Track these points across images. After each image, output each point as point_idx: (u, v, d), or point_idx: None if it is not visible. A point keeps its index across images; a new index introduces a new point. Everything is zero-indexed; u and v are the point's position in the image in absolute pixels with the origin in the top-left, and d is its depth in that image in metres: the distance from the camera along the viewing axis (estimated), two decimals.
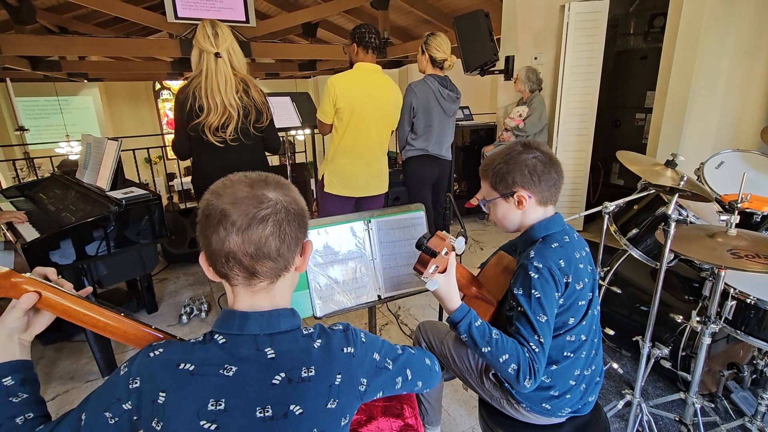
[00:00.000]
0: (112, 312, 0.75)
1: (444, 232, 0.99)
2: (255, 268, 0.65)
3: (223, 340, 0.65)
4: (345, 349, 0.72)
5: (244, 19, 4.49)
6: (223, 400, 0.61)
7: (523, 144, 1.08)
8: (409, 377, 0.82)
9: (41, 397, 0.70)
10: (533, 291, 0.98)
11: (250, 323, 0.66)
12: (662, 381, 1.95)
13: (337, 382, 0.68)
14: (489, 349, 0.97)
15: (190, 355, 0.63)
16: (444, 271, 1.01)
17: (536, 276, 0.99)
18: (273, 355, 0.65)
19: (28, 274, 0.72)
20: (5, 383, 0.66)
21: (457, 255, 1.05)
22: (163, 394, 0.60)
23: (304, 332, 0.70)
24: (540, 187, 1.05)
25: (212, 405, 0.61)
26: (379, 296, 1.41)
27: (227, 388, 0.62)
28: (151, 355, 0.63)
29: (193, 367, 0.62)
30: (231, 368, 0.63)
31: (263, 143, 2.11)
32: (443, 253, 0.97)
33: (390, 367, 0.78)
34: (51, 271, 0.75)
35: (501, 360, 0.97)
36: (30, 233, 1.89)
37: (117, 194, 2.05)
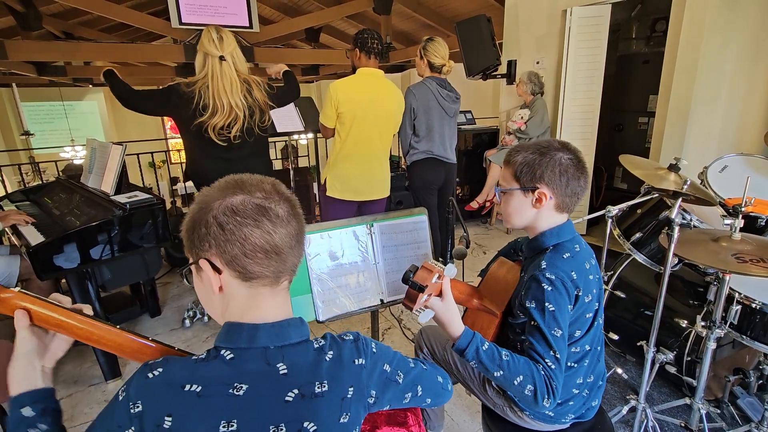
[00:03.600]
0: (107, 324, 0.73)
1: (431, 262, 0.95)
2: (286, 263, 0.65)
3: (231, 356, 0.62)
4: (356, 361, 0.70)
5: (247, 24, 4.53)
6: (235, 421, 0.58)
7: (561, 143, 1.02)
8: (419, 393, 0.79)
9: (63, 426, 0.66)
10: (547, 304, 0.94)
11: (260, 335, 0.63)
12: (667, 386, 1.94)
13: (349, 395, 0.66)
14: (501, 372, 0.91)
15: (195, 374, 0.60)
16: (439, 295, 0.96)
17: (549, 288, 0.94)
18: (285, 371, 0.62)
19: (17, 289, 0.70)
20: (24, 414, 0.62)
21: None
22: (169, 419, 0.57)
23: (315, 345, 0.68)
24: (565, 190, 1.00)
25: (224, 427, 0.58)
26: (381, 300, 1.41)
27: (238, 407, 0.59)
28: (150, 375, 0.59)
29: (200, 388, 0.58)
30: (241, 387, 0.60)
31: (282, 98, 2.18)
32: (434, 280, 0.92)
33: (400, 381, 0.75)
34: (87, 308, 0.73)
35: (516, 383, 0.91)
36: (35, 237, 1.90)
37: (121, 198, 2.06)
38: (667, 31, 3.01)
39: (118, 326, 0.74)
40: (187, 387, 0.58)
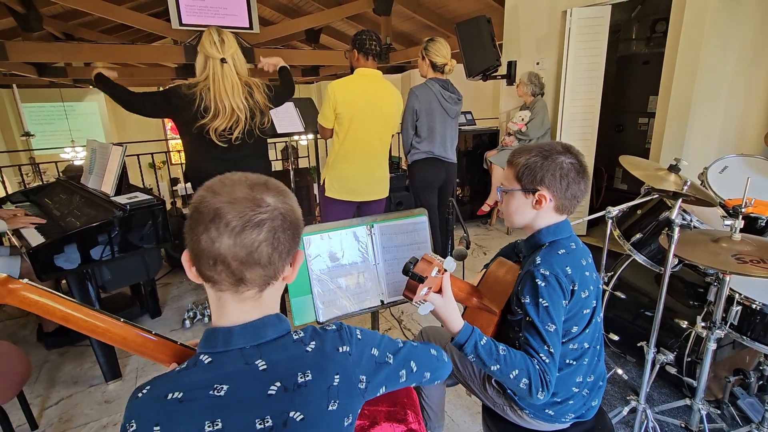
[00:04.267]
0: (111, 318, 0.74)
1: (430, 254, 0.96)
2: (243, 275, 0.62)
3: (209, 360, 0.63)
4: (340, 349, 0.70)
5: (248, 25, 4.53)
6: (219, 420, 0.60)
7: (564, 146, 1.04)
8: (414, 369, 0.79)
9: None
10: (541, 300, 0.96)
11: (235, 338, 0.65)
12: (667, 387, 1.94)
13: (335, 383, 0.67)
14: (498, 366, 0.95)
15: (177, 383, 0.62)
16: (438, 291, 0.98)
17: (543, 284, 0.97)
18: (265, 366, 0.64)
19: (25, 280, 0.71)
20: None
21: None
22: (157, 428, 0.59)
23: (294, 338, 0.69)
24: (565, 194, 1.02)
25: (209, 427, 0.59)
26: (381, 301, 1.41)
27: (221, 407, 0.61)
28: (140, 395, 0.62)
29: (181, 394, 0.60)
30: (222, 387, 0.61)
31: (279, 99, 2.19)
32: (434, 274, 0.94)
33: (391, 361, 0.76)
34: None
35: (511, 376, 0.95)
36: (35, 238, 1.90)
37: (121, 199, 2.06)
38: (667, 32, 3.01)
39: (122, 319, 0.75)
40: (169, 396, 0.60)
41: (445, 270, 0.98)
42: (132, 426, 0.60)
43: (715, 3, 2.65)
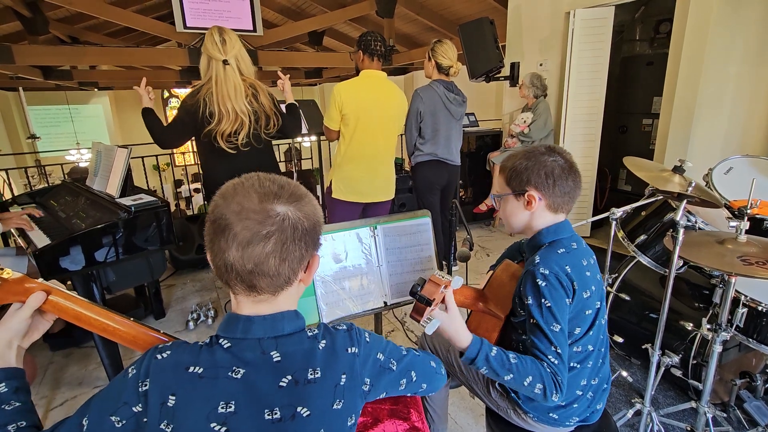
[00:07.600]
0: (121, 317, 0.76)
1: (437, 275, 0.95)
2: (253, 283, 0.65)
3: (228, 344, 0.65)
4: (349, 349, 0.72)
5: (251, 28, 4.56)
6: (233, 403, 0.62)
7: (547, 147, 1.07)
8: (414, 379, 0.81)
9: (33, 406, 0.69)
10: (543, 300, 0.96)
11: (254, 327, 0.66)
12: (673, 390, 1.92)
13: (342, 383, 0.69)
14: (511, 376, 0.94)
15: (198, 358, 0.64)
16: (443, 303, 0.97)
17: (544, 284, 0.97)
18: (279, 358, 0.65)
19: (40, 280, 0.73)
20: None
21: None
22: (173, 397, 0.61)
23: (309, 333, 0.70)
24: (553, 191, 1.03)
25: (222, 407, 0.61)
26: (385, 303, 1.41)
27: (236, 390, 0.62)
28: (159, 357, 0.63)
29: (201, 370, 0.62)
30: (239, 371, 0.63)
31: (283, 129, 2.11)
32: (440, 290, 0.93)
33: (394, 368, 0.78)
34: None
35: (525, 383, 0.94)
36: (41, 240, 1.92)
37: (126, 201, 2.07)
38: (671, 33, 3.00)
39: (132, 318, 0.76)
40: (191, 369, 0.62)
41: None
42: (145, 385, 0.61)
43: (719, 4, 2.64)
